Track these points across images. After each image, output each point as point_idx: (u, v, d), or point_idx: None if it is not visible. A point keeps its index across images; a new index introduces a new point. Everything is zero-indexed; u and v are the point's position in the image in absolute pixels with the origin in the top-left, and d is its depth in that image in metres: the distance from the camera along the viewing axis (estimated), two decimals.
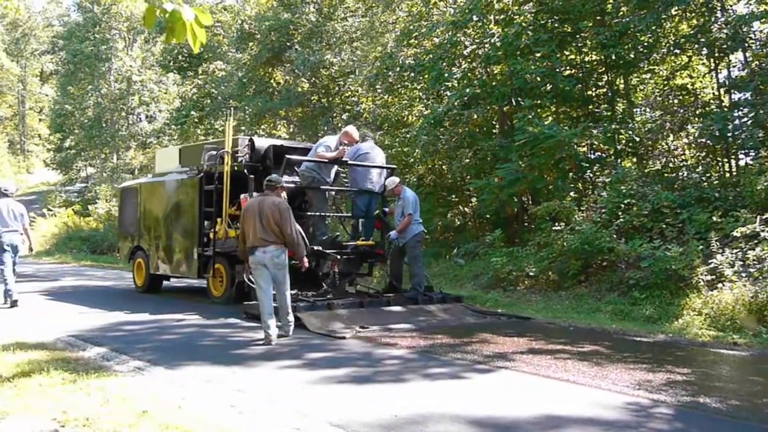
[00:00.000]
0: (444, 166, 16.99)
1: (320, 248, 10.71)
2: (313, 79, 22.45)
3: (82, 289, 15.19)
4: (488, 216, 15.96)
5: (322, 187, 11.52)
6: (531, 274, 12.63)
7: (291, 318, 8.54)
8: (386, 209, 12.38)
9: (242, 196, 11.44)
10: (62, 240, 33.94)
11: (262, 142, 12.14)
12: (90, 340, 8.18)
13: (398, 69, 17.10)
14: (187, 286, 15.81)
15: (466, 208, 17.35)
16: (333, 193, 13.19)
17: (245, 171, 11.57)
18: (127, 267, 15.71)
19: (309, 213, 11.43)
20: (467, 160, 15.69)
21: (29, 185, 59.96)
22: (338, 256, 10.94)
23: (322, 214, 11.63)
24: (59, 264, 25.82)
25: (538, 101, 14.89)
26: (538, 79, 14.47)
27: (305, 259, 8.52)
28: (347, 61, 21.10)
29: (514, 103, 15.30)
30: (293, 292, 9.76)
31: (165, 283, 14.84)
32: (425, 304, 10.93)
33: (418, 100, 18.36)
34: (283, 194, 8.88)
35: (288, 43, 22.63)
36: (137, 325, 9.46)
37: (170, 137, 33.35)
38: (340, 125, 22.29)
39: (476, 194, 15.95)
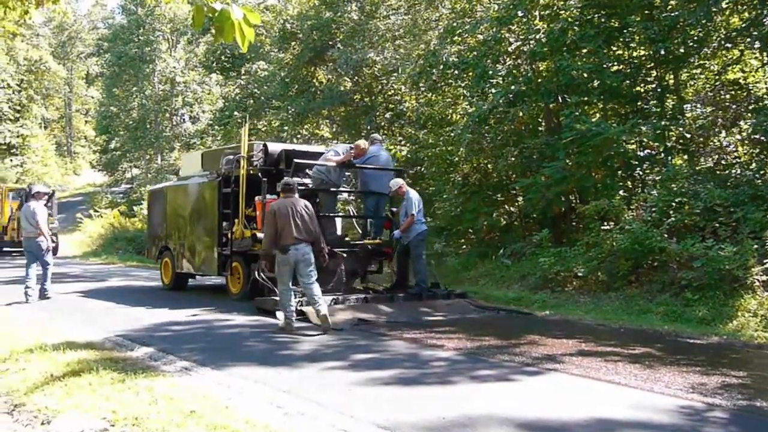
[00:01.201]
0: (489, 165, 16.82)
1: (329, 247, 11.22)
2: (356, 78, 22.49)
3: (128, 289, 15.44)
4: (535, 215, 15.82)
5: (331, 189, 12.10)
6: (579, 274, 12.57)
7: (321, 301, 9.06)
8: (393, 209, 12.70)
9: (257, 198, 12.14)
10: (108, 241, 34.13)
11: (276, 147, 12.81)
12: (137, 340, 8.28)
13: (442, 67, 16.96)
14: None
15: (512, 208, 17.23)
16: (346, 195, 13.75)
17: (260, 174, 12.21)
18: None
19: (320, 214, 11.93)
20: (513, 159, 15.63)
21: (76, 187, 60.53)
22: (344, 254, 11.46)
23: (331, 214, 12.24)
24: (106, 264, 26.12)
25: (585, 98, 14.76)
26: (585, 75, 14.39)
27: (326, 254, 9.56)
28: (390, 59, 21.10)
29: (560, 100, 15.22)
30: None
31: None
32: (429, 299, 11.35)
33: (462, 98, 18.30)
34: (296, 196, 9.62)
35: (330, 42, 22.69)
36: (182, 326, 9.56)
37: (213, 138, 33.32)
38: (383, 124, 22.09)
39: (522, 193, 15.85)
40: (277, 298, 10.01)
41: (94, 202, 43.69)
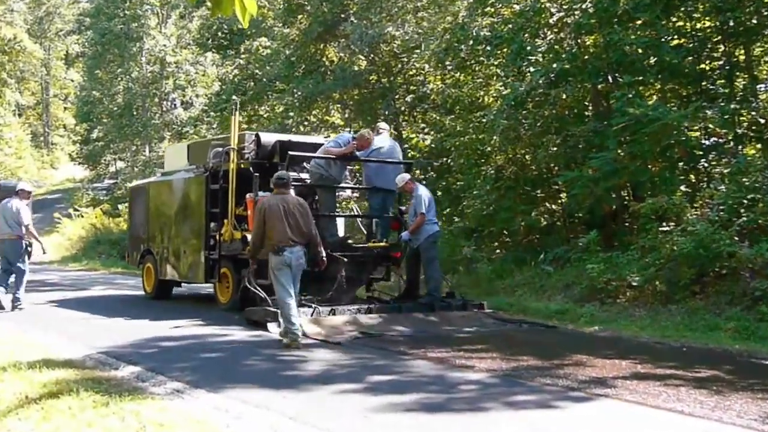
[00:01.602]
0: (527, 156, 16.73)
1: (328, 250, 11.36)
2: (372, 55, 22.43)
3: (112, 299, 15.52)
4: (581, 215, 15.75)
5: (331, 185, 12.32)
6: (634, 284, 12.45)
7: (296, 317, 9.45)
8: (402, 208, 13.02)
9: (248, 196, 12.19)
10: (90, 244, 34.30)
11: (269, 138, 13.14)
12: (122, 357, 8.28)
13: (471, 42, 16.81)
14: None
15: (554, 206, 17.10)
16: (349, 192, 13.87)
17: (251, 169, 12.30)
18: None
19: (320, 213, 12.04)
20: (555, 149, 15.47)
21: (54, 182, 60.43)
22: (344, 259, 11.51)
23: (331, 213, 12.45)
24: (87, 271, 26.13)
25: (640, 77, 14.52)
26: (640, 51, 14.16)
27: (324, 258, 9.81)
28: (412, 34, 20.91)
29: (610, 80, 15.05)
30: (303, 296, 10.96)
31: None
32: (442, 310, 11.52)
33: (495, 78, 18.08)
34: (291, 191, 9.89)
35: (342, 15, 22.49)
36: (172, 341, 9.56)
37: (209, 126, 33.18)
38: (403, 109, 22.13)
39: (566, 189, 15.73)
40: (270, 308, 10.15)
41: (74, 199, 43.53)
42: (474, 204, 16.76)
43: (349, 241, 12.98)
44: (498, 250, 17.25)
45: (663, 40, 14.40)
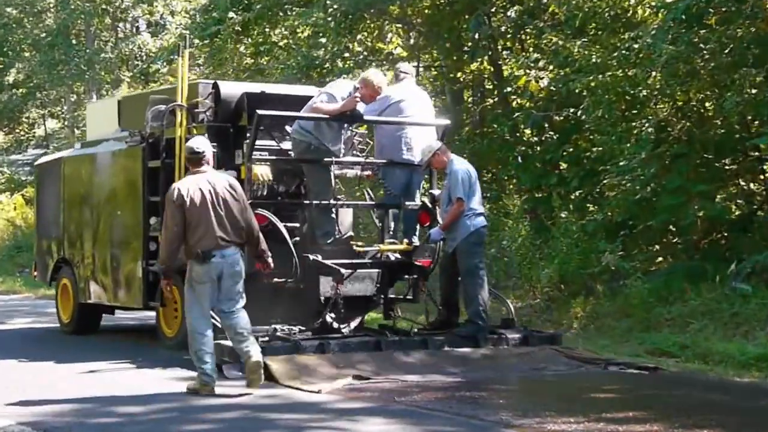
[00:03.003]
0: (707, 104, 16.22)
1: (318, 257, 11.47)
2: None
3: (41, 336, 15.61)
4: None
5: (324, 158, 12.32)
6: None
7: (252, 339, 9.86)
8: (435, 192, 12.86)
9: None
10: (5, 251, 34.29)
11: (233, 89, 13.02)
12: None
13: None
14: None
15: (753, 185, 16.70)
16: (354, 169, 13.73)
17: (206, 135, 11.94)
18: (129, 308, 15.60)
19: (309, 201, 12.27)
20: (754, 91, 14.99)
21: None
22: (343, 271, 11.62)
23: (326, 201, 12.38)
24: (3, 295, 26.21)
25: None
26: None
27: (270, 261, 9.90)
28: None
29: None
30: (273, 326, 11.41)
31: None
32: (491, 344, 11.74)
33: None
34: (210, 169, 9.93)
35: None
36: (135, 405, 9.30)
37: (192, 63, 34.41)
38: (504, 29, 21.26)
39: None
40: (225, 343, 10.36)
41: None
42: (620, 183, 16.43)
43: (356, 244, 12.93)
44: (659, 258, 16.83)
45: None
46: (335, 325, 11.72)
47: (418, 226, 12.84)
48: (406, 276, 12.66)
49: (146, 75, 35.69)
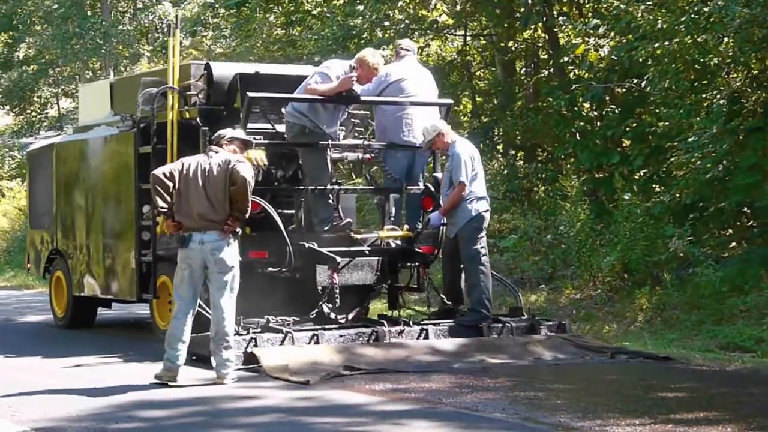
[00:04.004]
0: None
1: (314, 245, 11.97)
2: None
3: (59, 333, 15.97)
4: None
5: (319, 141, 12.81)
6: None
7: (229, 352, 10.35)
8: (437, 175, 13.23)
9: None
10: (18, 242, 34.41)
11: (225, 70, 13.40)
12: None
13: None
14: None
15: None
16: (353, 153, 14.10)
17: (198, 120, 12.67)
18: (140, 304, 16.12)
19: (305, 186, 12.65)
20: None
21: None
22: (338, 259, 12.03)
23: (322, 186, 12.87)
24: (15, 291, 27.14)
25: None
26: None
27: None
28: None
29: None
30: (267, 317, 11.83)
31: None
32: (494, 334, 12.26)
33: None
34: (238, 154, 10.39)
35: None
36: (159, 409, 9.37)
37: (216, 35, 33.22)
38: None
39: None
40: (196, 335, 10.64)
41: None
42: (689, 161, 16.40)
43: (356, 231, 13.51)
44: (733, 243, 16.79)
45: None
46: (332, 315, 12.19)
47: (421, 212, 13.07)
48: (409, 264, 13.18)
49: (163, 51, 35.57)
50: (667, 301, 14.77)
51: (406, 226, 12.83)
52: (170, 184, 10.30)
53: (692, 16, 15.94)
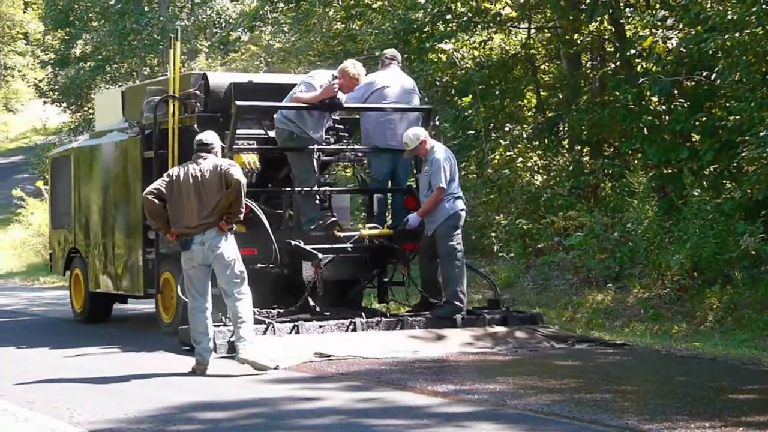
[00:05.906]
0: None
1: (299, 243, 12.58)
2: None
3: (115, 331, 16.33)
4: None
5: (306, 146, 13.40)
6: None
7: (250, 334, 11.07)
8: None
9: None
10: None
11: (221, 79, 14.11)
12: None
13: None
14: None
15: None
16: (341, 157, 15.05)
17: (196, 126, 13.22)
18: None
19: (294, 188, 13.22)
20: None
21: (10, 135, 58.61)
22: (320, 256, 12.66)
23: (308, 188, 13.53)
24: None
25: None
26: None
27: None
28: None
29: None
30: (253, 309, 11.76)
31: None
32: (468, 325, 12.93)
33: None
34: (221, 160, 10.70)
35: None
36: (216, 410, 9.45)
37: (275, 30, 33.02)
38: None
39: None
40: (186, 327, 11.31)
41: (46, 165, 45.81)
42: (761, 156, 16.01)
43: (340, 229, 14.25)
44: None
45: None
46: (317, 309, 13.10)
47: (405, 211, 13.73)
48: (390, 260, 13.97)
49: (225, 44, 35.71)
50: (738, 301, 14.60)
51: (387, 224, 13.81)
52: (160, 203, 11.26)
53: (763, 6, 15.72)
